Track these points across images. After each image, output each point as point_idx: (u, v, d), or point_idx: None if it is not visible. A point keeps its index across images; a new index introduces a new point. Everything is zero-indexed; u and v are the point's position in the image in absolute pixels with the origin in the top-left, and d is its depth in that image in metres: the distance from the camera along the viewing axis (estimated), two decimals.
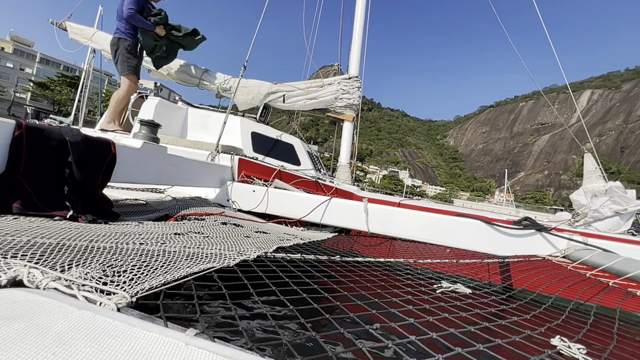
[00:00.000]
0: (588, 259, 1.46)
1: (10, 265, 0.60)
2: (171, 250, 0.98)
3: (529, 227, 1.79)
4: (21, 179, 1.13)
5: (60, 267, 0.66)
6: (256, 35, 3.48)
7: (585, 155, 3.32)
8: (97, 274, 0.66)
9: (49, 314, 0.44)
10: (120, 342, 0.40)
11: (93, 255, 0.79)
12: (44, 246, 0.78)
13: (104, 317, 0.45)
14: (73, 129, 1.33)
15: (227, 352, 0.42)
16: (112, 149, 1.47)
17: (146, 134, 1.98)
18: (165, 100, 4.37)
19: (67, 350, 0.37)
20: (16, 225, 0.94)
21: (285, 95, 4.60)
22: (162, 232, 1.24)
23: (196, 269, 0.81)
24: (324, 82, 4.46)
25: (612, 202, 2.69)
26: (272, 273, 0.95)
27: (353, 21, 4.72)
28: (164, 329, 0.46)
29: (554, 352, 0.70)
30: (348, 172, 4.30)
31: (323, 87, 4.45)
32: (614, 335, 0.88)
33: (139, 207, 1.96)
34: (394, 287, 1.05)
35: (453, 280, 1.38)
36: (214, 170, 2.67)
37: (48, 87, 42.24)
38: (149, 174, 1.84)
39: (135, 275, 0.70)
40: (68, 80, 41.84)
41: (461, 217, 1.98)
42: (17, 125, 1.12)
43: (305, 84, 4.61)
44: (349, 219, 2.22)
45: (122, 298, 0.56)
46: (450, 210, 2.43)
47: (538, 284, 1.30)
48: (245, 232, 1.59)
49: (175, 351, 0.40)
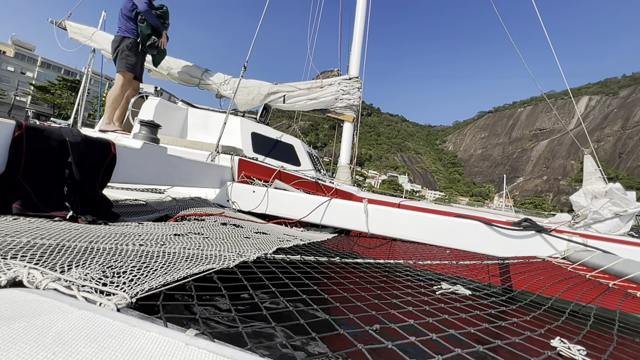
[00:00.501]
0: (588, 260, 1.46)
1: (10, 266, 0.60)
2: (171, 251, 0.98)
3: (529, 228, 1.79)
4: (21, 179, 1.13)
5: (60, 268, 0.66)
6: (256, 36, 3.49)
7: (586, 157, 3.32)
8: (97, 274, 0.66)
9: (49, 314, 0.44)
10: (120, 342, 0.40)
11: (93, 256, 0.79)
12: (44, 247, 0.78)
13: (104, 317, 0.45)
14: (73, 130, 1.34)
15: (227, 352, 0.42)
16: (112, 149, 1.47)
17: (146, 135, 1.98)
18: (165, 100, 4.38)
19: (67, 350, 0.37)
20: (16, 226, 0.94)
21: (285, 95, 4.60)
22: (162, 233, 1.24)
23: (196, 270, 0.81)
24: (324, 83, 4.47)
25: (612, 204, 2.69)
26: (272, 274, 0.95)
27: (352, 26, 4.74)
28: (164, 329, 0.46)
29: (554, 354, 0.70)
30: (348, 173, 4.30)
31: (323, 88, 4.45)
32: (614, 336, 0.87)
33: (139, 208, 1.96)
34: (393, 288, 1.05)
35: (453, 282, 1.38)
36: (213, 171, 2.67)
37: (49, 91, 42.58)
38: (149, 174, 1.84)
39: (135, 276, 0.70)
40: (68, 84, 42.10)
41: (461, 218, 1.98)
42: (17, 125, 1.12)
43: (305, 84, 4.60)
44: (349, 219, 2.22)
45: (122, 299, 0.56)
46: (449, 211, 2.43)
47: (538, 285, 1.30)
48: (245, 233, 1.59)
49: (175, 351, 0.40)
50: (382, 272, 1.27)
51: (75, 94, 28.02)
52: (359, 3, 4.74)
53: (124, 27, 3.73)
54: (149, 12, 3.63)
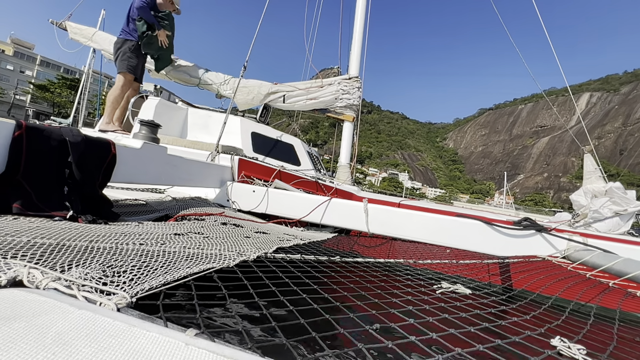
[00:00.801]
0: (588, 260, 1.46)
1: (10, 266, 0.60)
2: (171, 250, 0.98)
3: (529, 228, 1.79)
4: (21, 179, 1.13)
5: (60, 268, 0.66)
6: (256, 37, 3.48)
7: (585, 155, 3.32)
8: (97, 274, 0.66)
9: (49, 314, 0.44)
10: (120, 342, 0.40)
11: (93, 256, 0.79)
12: (44, 246, 0.78)
13: (104, 317, 0.45)
14: (73, 129, 1.34)
15: (227, 352, 0.42)
16: (112, 149, 1.47)
17: (146, 134, 1.98)
18: (165, 100, 4.38)
19: (67, 350, 0.37)
20: (16, 226, 0.94)
21: (285, 95, 4.60)
22: (162, 233, 1.24)
23: (196, 269, 0.81)
24: (324, 83, 4.47)
25: (612, 203, 2.69)
26: (272, 273, 0.95)
27: (352, 24, 4.73)
28: (164, 329, 0.46)
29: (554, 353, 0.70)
30: (348, 173, 4.30)
31: (323, 87, 4.45)
32: (614, 335, 0.88)
33: (139, 207, 1.96)
34: (393, 287, 1.05)
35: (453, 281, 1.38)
36: (214, 171, 2.67)
37: (48, 90, 42.64)
38: (149, 174, 1.84)
39: (135, 276, 0.70)
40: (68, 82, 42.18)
41: (461, 218, 1.98)
42: (17, 125, 1.12)
43: (305, 84, 4.60)
44: (349, 219, 2.22)
45: (122, 298, 0.56)
46: (450, 211, 2.43)
47: (538, 284, 1.30)
48: (245, 233, 1.59)
49: (175, 351, 0.40)
50: (382, 272, 1.27)
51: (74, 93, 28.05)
52: (358, 3, 4.74)
53: (127, 29, 3.74)
54: (144, 9, 3.62)
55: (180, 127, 4.51)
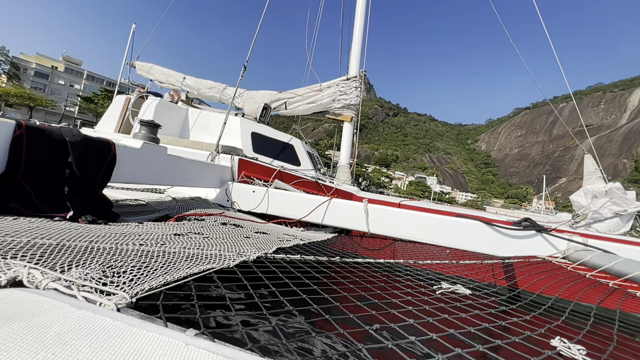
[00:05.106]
0: (588, 260, 1.46)
1: (10, 266, 0.60)
2: (171, 251, 0.98)
3: (529, 228, 1.79)
4: (21, 179, 1.13)
5: (60, 268, 0.66)
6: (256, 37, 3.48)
7: (586, 156, 3.32)
8: (97, 274, 0.66)
9: (49, 314, 0.44)
10: (120, 342, 0.40)
11: (93, 256, 0.79)
12: (44, 247, 0.78)
13: (104, 317, 0.45)
14: (73, 130, 1.33)
15: (227, 352, 0.42)
16: (112, 149, 1.47)
17: (146, 134, 1.98)
18: (165, 100, 4.38)
19: (67, 350, 0.37)
20: (16, 226, 0.94)
21: (287, 102, 4.80)
22: (162, 233, 1.24)
23: (196, 269, 0.81)
24: (322, 86, 4.59)
25: (612, 204, 2.69)
26: (272, 274, 0.95)
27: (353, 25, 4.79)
28: (164, 329, 0.46)
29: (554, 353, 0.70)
30: (348, 173, 4.31)
31: (321, 91, 4.56)
32: (614, 336, 0.87)
33: (139, 208, 1.96)
34: (393, 288, 1.05)
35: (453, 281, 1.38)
36: (214, 171, 2.67)
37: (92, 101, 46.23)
38: (149, 174, 1.84)
39: (135, 276, 0.70)
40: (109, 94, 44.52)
41: (461, 218, 1.98)
42: (17, 125, 1.12)
43: (303, 90, 4.74)
44: (349, 219, 2.22)
45: (122, 298, 0.56)
46: (450, 211, 2.43)
47: (538, 285, 1.30)
48: (245, 233, 1.59)
49: (175, 351, 0.40)
50: (382, 272, 1.27)
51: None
52: (358, 3, 4.75)
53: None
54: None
55: (180, 127, 4.52)
